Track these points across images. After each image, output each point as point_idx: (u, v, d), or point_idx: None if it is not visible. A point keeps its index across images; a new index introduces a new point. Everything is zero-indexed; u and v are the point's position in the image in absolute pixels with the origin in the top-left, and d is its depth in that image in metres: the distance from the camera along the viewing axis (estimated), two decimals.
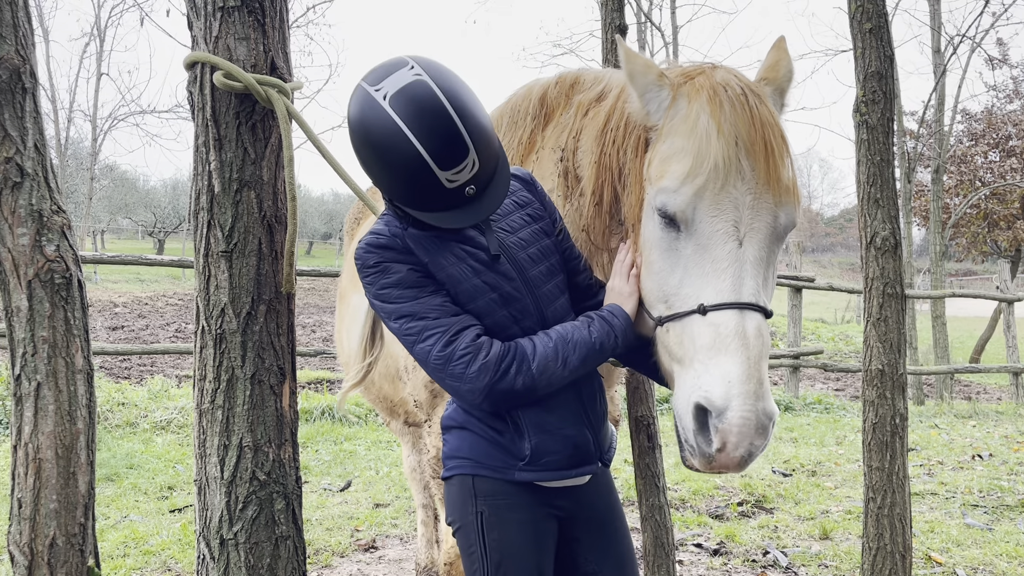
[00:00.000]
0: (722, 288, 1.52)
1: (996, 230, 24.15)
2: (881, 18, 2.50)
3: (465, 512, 1.72)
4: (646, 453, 2.89)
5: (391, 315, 1.63)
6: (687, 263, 1.58)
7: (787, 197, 1.58)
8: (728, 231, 1.54)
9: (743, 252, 1.53)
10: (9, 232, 1.73)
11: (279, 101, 1.74)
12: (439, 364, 1.59)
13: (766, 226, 1.56)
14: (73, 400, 1.77)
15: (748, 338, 1.48)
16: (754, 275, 1.53)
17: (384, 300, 1.63)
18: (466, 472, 1.72)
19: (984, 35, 12.04)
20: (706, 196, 1.55)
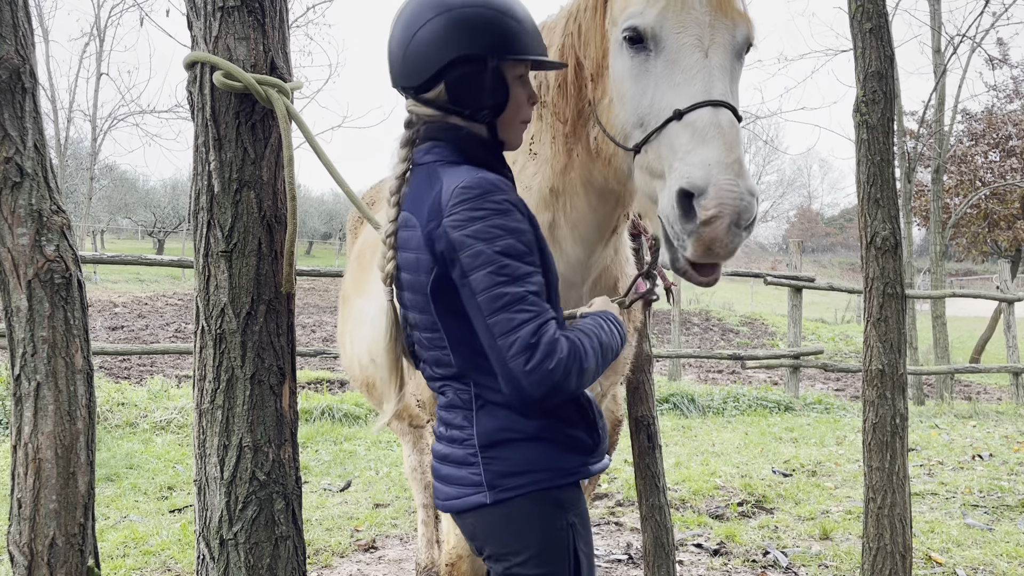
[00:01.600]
0: (694, 91, 1.63)
1: (996, 230, 24.15)
2: (881, 18, 2.50)
3: (550, 532, 1.51)
4: (646, 453, 2.89)
5: (488, 263, 1.39)
6: (658, 79, 1.69)
7: (740, 18, 1.74)
8: (694, 43, 1.67)
9: (709, 60, 1.67)
10: (9, 232, 1.73)
11: (279, 101, 1.74)
12: (518, 349, 1.37)
13: (726, 41, 1.70)
14: (73, 400, 1.77)
15: (723, 127, 1.56)
16: (723, 80, 1.66)
17: (488, 240, 1.40)
18: (546, 486, 1.51)
19: (984, 35, 12.04)
20: (670, 15, 1.69)
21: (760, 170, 52.83)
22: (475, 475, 1.52)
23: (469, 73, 1.53)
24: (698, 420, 8.43)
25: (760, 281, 10.52)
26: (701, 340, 16.72)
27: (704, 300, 22.45)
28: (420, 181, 1.55)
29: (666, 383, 9.90)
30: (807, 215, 57.13)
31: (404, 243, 1.54)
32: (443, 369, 1.56)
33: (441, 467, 1.60)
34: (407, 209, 1.55)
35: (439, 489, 1.62)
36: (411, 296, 1.55)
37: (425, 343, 1.57)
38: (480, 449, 1.51)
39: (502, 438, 1.51)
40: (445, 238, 1.43)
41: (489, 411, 1.51)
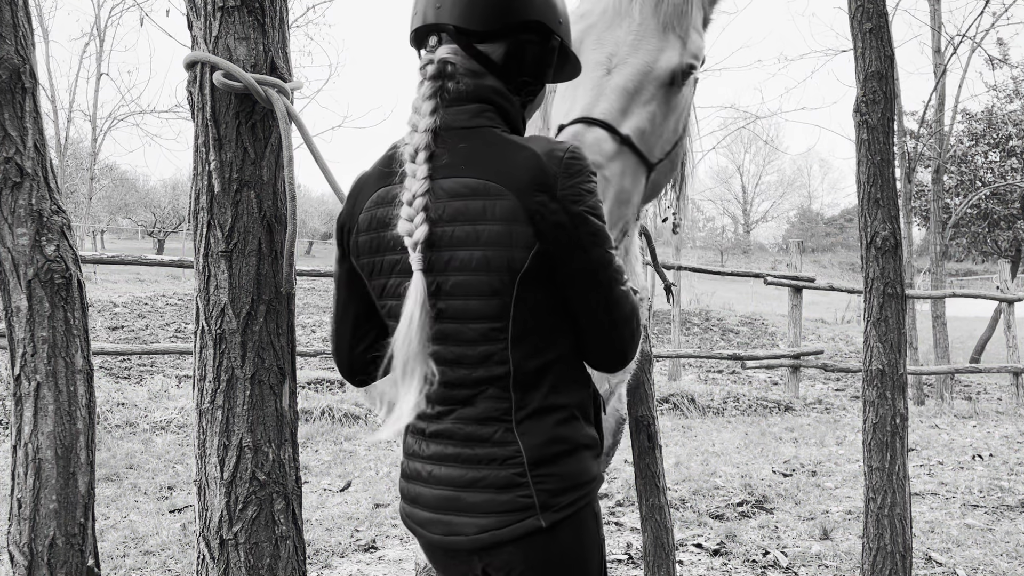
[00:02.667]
0: (579, 108, 1.64)
1: (996, 230, 24.16)
2: (881, 18, 2.50)
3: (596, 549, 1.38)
4: (646, 453, 2.89)
5: (605, 238, 1.32)
6: (567, 91, 1.72)
7: (672, 43, 1.70)
8: (601, 62, 1.67)
9: (608, 79, 1.66)
10: (9, 232, 1.73)
11: (279, 101, 1.74)
12: (626, 316, 1.33)
13: (640, 63, 1.68)
14: (73, 400, 1.77)
15: (583, 144, 1.57)
16: (611, 99, 1.64)
17: (599, 216, 1.32)
18: (590, 499, 1.37)
19: (984, 35, 12.04)
20: (592, 34, 1.70)
21: (760, 170, 52.83)
22: (525, 497, 1.30)
23: (535, 42, 1.40)
24: (698, 420, 8.43)
25: (760, 281, 10.52)
26: (701, 340, 16.72)
27: (704, 300, 22.44)
28: (479, 146, 1.34)
29: (666, 383, 9.90)
30: (807, 215, 57.12)
31: (474, 214, 1.29)
32: (483, 371, 1.33)
33: (459, 494, 1.33)
34: (471, 176, 1.30)
35: (454, 524, 1.34)
36: (469, 278, 1.31)
37: (472, 336, 1.32)
38: (530, 467, 1.31)
39: (553, 452, 1.32)
40: (563, 212, 1.27)
41: (533, 422, 1.32)
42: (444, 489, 1.35)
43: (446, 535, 1.35)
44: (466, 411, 1.34)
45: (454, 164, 1.33)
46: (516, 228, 1.27)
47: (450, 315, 1.33)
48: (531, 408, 1.32)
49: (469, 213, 1.29)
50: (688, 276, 20.85)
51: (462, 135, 1.35)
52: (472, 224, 1.29)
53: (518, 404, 1.32)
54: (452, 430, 1.35)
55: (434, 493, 1.37)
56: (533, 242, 1.28)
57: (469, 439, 1.34)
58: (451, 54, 1.38)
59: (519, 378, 1.32)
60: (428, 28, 1.40)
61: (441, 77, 1.37)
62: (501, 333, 1.31)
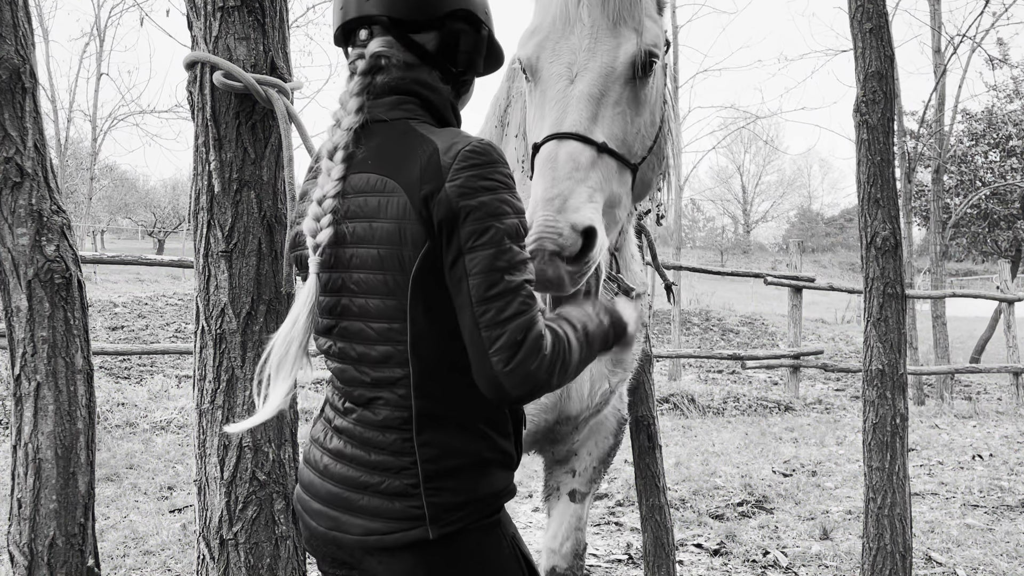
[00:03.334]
0: (549, 124, 1.64)
1: (996, 230, 24.17)
2: (881, 18, 2.50)
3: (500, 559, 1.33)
4: (646, 453, 2.89)
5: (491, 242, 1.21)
6: (536, 109, 1.72)
7: (627, 36, 1.69)
8: (561, 73, 1.67)
9: (571, 89, 1.65)
10: (9, 232, 1.73)
11: (279, 101, 1.74)
12: (502, 344, 1.19)
13: (601, 65, 1.67)
14: (73, 400, 1.77)
15: (558, 161, 1.57)
16: (578, 108, 1.63)
17: (495, 216, 1.22)
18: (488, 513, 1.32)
19: (984, 35, 12.05)
20: (547, 46, 1.69)
21: (760, 170, 52.85)
22: (415, 508, 1.26)
23: (467, 32, 1.40)
24: (698, 420, 8.43)
25: (760, 281, 10.52)
26: (701, 340, 16.72)
27: (704, 300, 22.44)
28: (387, 140, 1.30)
29: (666, 383, 9.91)
30: (807, 215, 57.14)
31: (371, 211, 1.26)
32: (385, 372, 1.28)
33: (351, 495, 1.30)
34: (373, 171, 1.28)
35: (340, 520, 1.31)
36: (367, 276, 1.27)
37: (373, 336, 1.28)
38: (424, 480, 1.27)
39: (450, 466, 1.28)
40: (446, 205, 1.20)
41: (433, 433, 1.28)
42: (336, 486, 1.33)
43: (331, 530, 1.33)
44: (366, 415, 1.31)
45: (364, 159, 1.30)
46: (406, 225, 1.23)
47: (354, 313, 1.29)
48: (431, 418, 1.28)
49: (368, 209, 1.27)
50: (688, 276, 20.86)
51: (378, 128, 1.32)
52: (369, 221, 1.26)
53: (418, 412, 1.28)
54: (353, 431, 1.33)
55: (326, 487, 1.34)
56: (423, 240, 1.22)
57: (367, 443, 1.31)
58: (385, 47, 1.35)
59: (419, 384, 1.27)
60: (358, 21, 1.37)
61: (373, 72, 1.34)
62: (400, 334, 1.26)
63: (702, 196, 49.63)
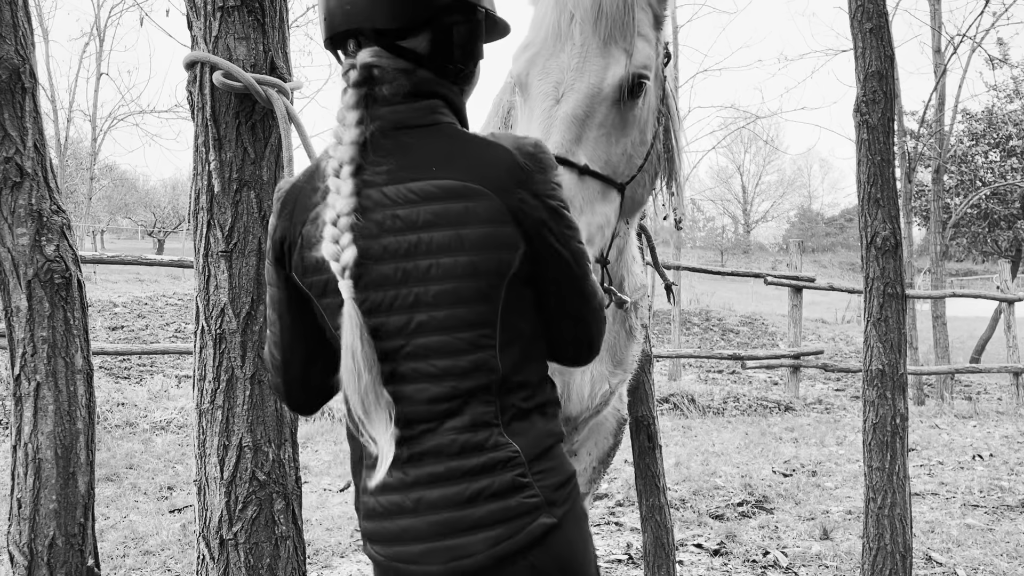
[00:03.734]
0: None
1: (997, 230, 24.18)
2: (881, 18, 2.50)
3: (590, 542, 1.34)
4: (646, 453, 2.89)
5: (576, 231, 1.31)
6: (523, 126, 1.71)
7: (616, 57, 1.67)
8: (548, 92, 1.65)
9: (556, 109, 1.64)
10: (9, 232, 1.73)
11: (278, 101, 1.74)
12: (601, 304, 1.36)
13: (587, 86, 1.65)
14: (73, 400, 1.77)
15: None
16: (561, 130, 1.62)
17: (567, 207, 1.31)
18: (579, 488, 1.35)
19: (984, 35, 12.05)
20: (538, 63, 1.68)
21: (760, 170, 52.86)
22: (532, 497, 1.23)
23: (461, 22, 1.31)
24: (698, 420, 8.43)
25: (760, 281, 10.53)
26: (701, 340, 16.72)
27: (704, 300, 22.44)
28: (446, 144, 1.26)
29: (666, 383, 9.91)
30: (807, 215, 57.13)
31: (455, 217, 1.21)
32: (473, 381, 1.24)
33: (462, 514, 1.22)
34: (446, 177, 1.22)
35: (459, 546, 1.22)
36: (456, 285, 1.22)
37: (458, 347, 1.23)
38: (529, 465, 1.24)
39: (544, 446, 1.28)
40: (542, 208, 1.24)
41: (520, 422, 1.27)
42: (441, 513, 1.23)
43: (450, 561, 1.22)
44: (454, 422, 1.24)
45: (420, 165, 1.24)
46: (502, 229, 1.22)
47: (435, 327, 1.23)
48: (515, 408, 1.27)
49: (450, 216, 1.21)
50: (688, 276, 20.86)
51: (419, 133, 1.27)
52: (455, 229, 1.21)
53: (503, 406, 1.26)
54: (441, 446, 1.24)
55: (428, 520, 1.23)
56: (519, 242, 1.23)
57: (463, 450, 1.24)
58: (374, 57, 1.29)
59: (504, 383, 1.26)
60: (344, 34, 1.31)
61: (366, 83, 1.28)
62: (490, 339, 1.24)
63: (702, 196, 49.61)
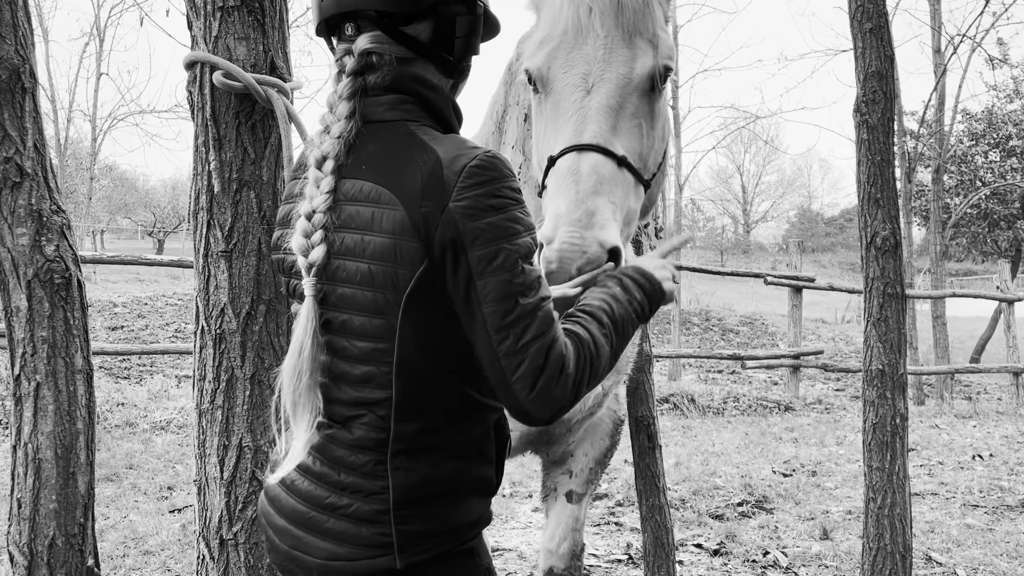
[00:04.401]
0: (566, 136, 1.59)
1: (996, 230, 24.19)
2: (881, 18, 2.50)
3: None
4: (646, 453, 2.89)
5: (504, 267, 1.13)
6: (547, 121, 1.68)
7: (646, 47, 1.65)
8: (576, 83, 1.63)
9: (589, 100, 1.61)
10: (9, 232, 1.73)
11: (278, 101, 1.74)
12: (524, 372, 1.13)
13: (617, 76, 1.62)
14: (72, 400, 1.77)
15: (581, 174, 1.52)
16: (598, 120, 1.59)
17: (507, 237, 1.13)
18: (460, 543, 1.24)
19: (984, 35, 12.05)
20: (559, 56, 1.65)
21: (760, 170, 52.86)
22: (383, 535, 1.18)
23: (464, 13, 1.28)
24: (698, 420, 8.43)
25: (760, 281, 10.53)
26: (701, 340, 16.72)
27: (704, 300, 22.44)
28: (385, 144, 1.20)
29: (666, 383, 9.91)
30: (807, 215, 57.13)
31: (363, 222, 1.17)
32: (367, 392, 1.20)
33: (316, 515, 1.22)
34: (368, 179, 1.18)
35: (304, 540, 1.23)
36: (354, 291, 1.18)
37: (356, 354, 1.20)
38: (395, 507, 1.18)
39: (425, 494, 1.20)
40: (452, 226, 1.12)
41: (409, 459, 1.20)
42: (301, 504, 1.24)
43: (293, 548, 1.24)
44: (341, 433, 1.22)
45: (357, 164, 1.20)
46: (402, 242, 1.14)
47: (337, 328, 1.21)
48: (409, 443, 1.20)
49: (359, 220, 1.17)
50: (688, 276, 20.85)
51: (374, 130, 1.22)
52: (361, 233, 1.16)
53: (396, 436, 1.19)
54: (324, 447, 1.23)
55: (291, 504, 1.26)
56: (421, 258, 1.13)
57: (337, 462, 1.22)
58: (374, 43, 1.23)
59: (401, 408, 1.19)
60: (344, 16, 1.25)
61: (364, 72, 1.23)
62: (386, 355, 1.18)
63: (702, 196, 49.62)
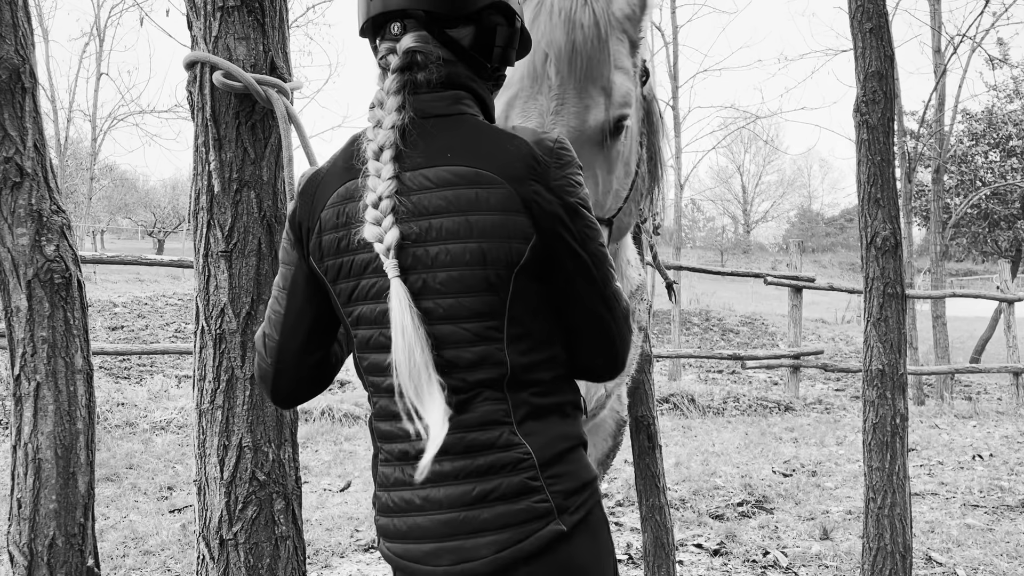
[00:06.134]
0: None
1: (996, 230, 24.20)
2: (881, 18, 2.50)
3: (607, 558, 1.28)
4: (646, 453, 2.89)
5: (597, 234, 1.27)
6: None
7: (595, 99, 1.64)
8: None
9: None
10: (9, 232, 1.73)
11: (278, 101, 1.74)
12: (623, 317, 1.30)
13: (568, 130, 1.62)
14: (73, 400, 1.77)
15: None
16: None
17: (590, 208, 1.28)
18: (599, 496, 1.30)
19: (984, 35, 12.06)
20: (517, 105, 1.65)
21: (760, 170, 52.85)
22: (541, 502, 1.19)
23: (502, 24, 1.34)
24: (698, 420, 8.43)
25: (760, 281, 10.53)
26: (701, 340, 16.72)
27: (704, 300, 22.43)
28: (464, 134, 1.25)
29: (666, 383, 9.91)
30: (807, 215, 57.12)
31: (466, 204, 1.20)
32: (481, 374, 1.21)
33: (468, 514, 1.19)
34: (460, 164, 1.21)
35: (464, 548, 1.19)
36: (461, 272, 1.20)
37: (467, 337, 1.21)
38: (541, 468, 1.20)
39: (559, 449, 1.23)
40: (558, 203, 1.21)
41: (535, 422, 1.23)
42: (447, 512, 1.20)
43: (456, 563, 1.19)
44: (463, 418, 1.21)
45: (437, 152, 1.23)
46: (513, 218, 1.20)
47: (441, 315, 1.21)
48: (528, 407, 1.23)
49: (460, 203, 1.20)
50: (688, 276, 20.85)
51: (442, 123, 1.26)
52: (464, 214, 1.20)
53: (515, 404, 1.22)
54: (448, 443, 1.19)
55: (435, 519, 1.21)
56: (531, 233, 1.20)
57: (470, 449, 1.20)
58: (419, 42, 1.27)
59: (514, 379, 1.22)
60: (391, 15, 1.29)
61: (409, 69, 1.27)
62: (497, 331, 1.21)
63: (702, 196, 49.61)
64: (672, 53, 13.20)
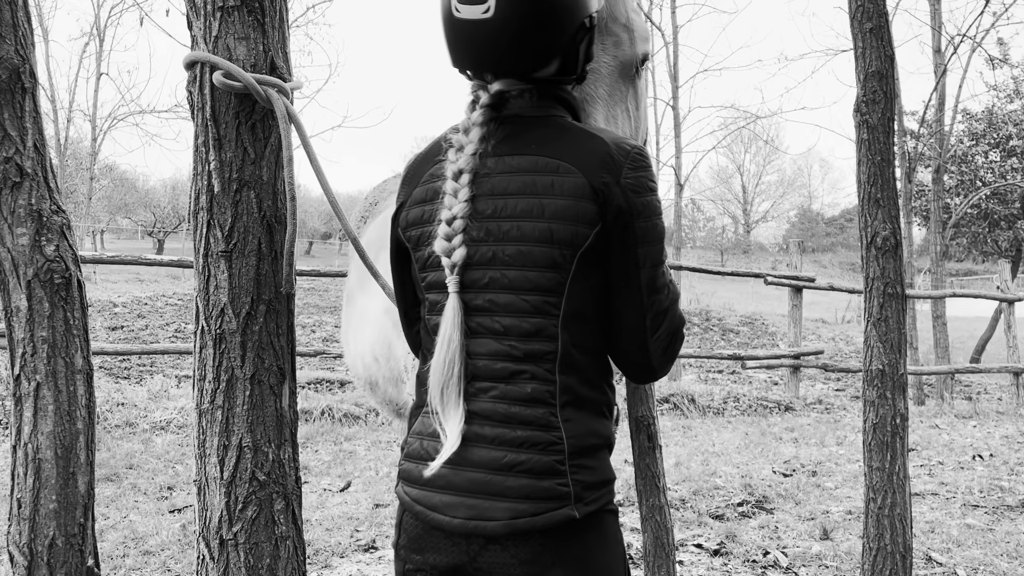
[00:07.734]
0: None
1: (996, 230, 24.20)
2: (881, 18, 2.50)
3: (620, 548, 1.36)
4: (646, 453, 2.88)
5: (657, 239, 1.34)
6: None
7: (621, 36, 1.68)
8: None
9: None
10: (9, 232, 1.73)
11: (278, 101, 1.74)
12: (664, 331, 1.35)
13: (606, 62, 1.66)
14: (73, 400, 1.77)
15: None
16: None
17: (657, 215, 1.35)
18: (614, 498, 1.36)
19: (984, 35, 12.04)
20: None
21: (760, 170, 52.84)
22: (563, 486, 1.26)
23: (585, 33, 1.40)
24: (698, 420, 8.43)
25: (760, 281, 10.53)
26: (701, 340, 16.72)
27: (704, 300, 22.43)
28: (551, 130, 1.36)
29: (666, 383, 9.91)
30: (807, 215, 57.10)
31: (542, 188, 1.30)
32: (535, 345, 1.29)
33: (494, 478, 1.27)
34: (541, 154, 1.32)
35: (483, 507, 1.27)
36: (530, 248, 1.29)
37: (526, 308, 1.29)
38: (570, 456, 1.27)
39: (590, 444, 1.30)
40: (623, 197, 1.29)
41: (574, 411, 1.30)
42: (476, 471, 1.28)
43: (471, 519, 1.27)
44: (510, 389, 1.29)
45: (524, 144, 1.35)
46: (582, 204, 1.29)
47: (505, 285, 1.30)
48: (572, 395, 1.30)
49: (537, 187, 1.31)
50: (688, 276, 20.85)
51: (532, 121, 1.38)
52: (539, 197, 1.30)
53: (562, 388, 1.29)
54: (491, 409, 1.29)
55: (462, 475, 1.29)
56: (597, 220, 1.29)
57: (511, 419, 1.28)
58: (508, 86, 1.40)
59: (564, 360, 1.30)
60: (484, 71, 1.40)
61: (498, 107, 1.39)
62: (554, 308, 1.29)
63: (702, 196, 49.60)
64: (672, 53, 13.18)
